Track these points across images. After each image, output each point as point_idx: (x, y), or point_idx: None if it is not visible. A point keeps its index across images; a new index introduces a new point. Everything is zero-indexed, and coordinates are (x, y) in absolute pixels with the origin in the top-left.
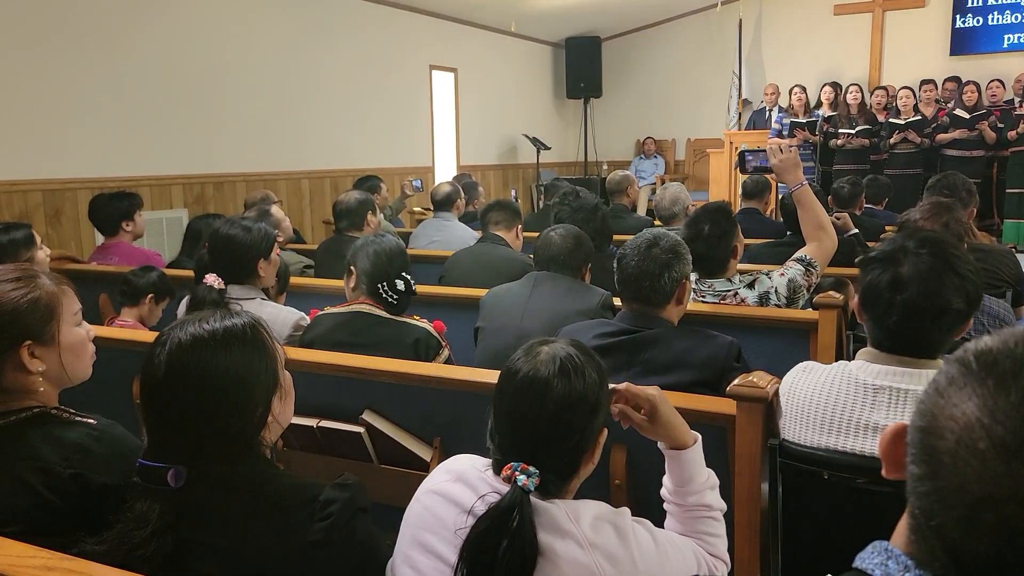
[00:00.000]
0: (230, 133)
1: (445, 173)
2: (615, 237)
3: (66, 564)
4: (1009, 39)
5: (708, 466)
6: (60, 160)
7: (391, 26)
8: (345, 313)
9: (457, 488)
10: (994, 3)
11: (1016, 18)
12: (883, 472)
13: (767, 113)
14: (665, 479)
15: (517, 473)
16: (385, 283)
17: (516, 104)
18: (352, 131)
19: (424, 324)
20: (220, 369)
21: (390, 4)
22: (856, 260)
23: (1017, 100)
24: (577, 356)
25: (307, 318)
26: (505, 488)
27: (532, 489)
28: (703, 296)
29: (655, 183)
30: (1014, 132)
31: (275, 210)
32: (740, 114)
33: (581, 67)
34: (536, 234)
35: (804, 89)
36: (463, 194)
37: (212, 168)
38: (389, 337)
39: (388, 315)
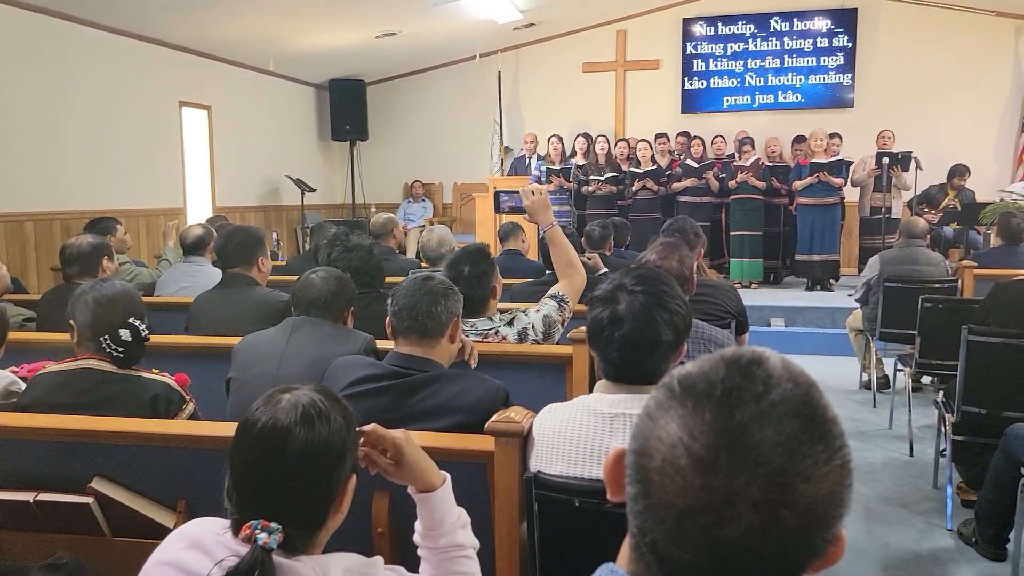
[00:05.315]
0: None
1: (199, 215)
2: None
3: None
4: (728, 101)
5: (471, 503)
6: None
7: (135, 59)
8: (67, 371)
9: (191, 556)
10: (715, 69)
11: (733, 83)
12: (608, 495)
13: (527, 160)
14: (417, 524)
15: (257, 531)
16: (108, 335)
17: (278, 144)
18: (89, 169)
19: (164, 378)
20: None
21: (133, 36)
22: (584, 300)
23: (736, 154)
24: (321, 401)
25: (19, 382)
26: (245, 550)
27: (274, 547)
28: (467, 336)
29: (424, 225)
30: (734, 182)
31: None
32: (503, 160)
33: (346, 109)
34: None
35: (561, 139)
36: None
37: None
38: (121, 394)
39: (118, 370)
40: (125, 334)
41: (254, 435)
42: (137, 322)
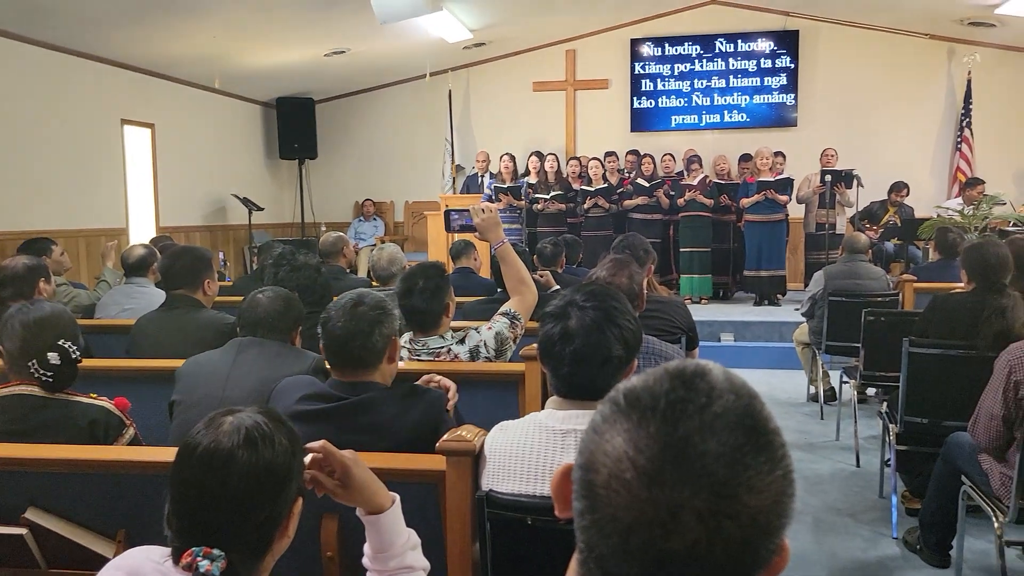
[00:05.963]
0: None
1: (143, 235)
2: (334, 299)
3: None
4: (676, 120)
5: (422, 524)
6: None
7: (74, 76)
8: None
9: None
10: (662, 89)
11: (680, 102)
12: (556, 511)
13: (480, 178)
14: (366, 546)
15: (199, 559)
16: (36, 359)
17: (224, 163)
18: (25, 189)
19: (102, 402)
20: None
21: (72, 52)
22: (536, 316)
23: (684, 172)
24: (265, 424)
25: None
26: None
27: (217, 574)
28: (418, 355)
29: (375, 244)
30: (682, 200)
31: None
32: (454, 179)
33: (294, 128)
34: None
35: (513, 158)
36: (160, 257)
37: None
38: (57, 421)
39: (51, 395)
40: (54, 357)
41: (195, 459)
42: (67, 344)
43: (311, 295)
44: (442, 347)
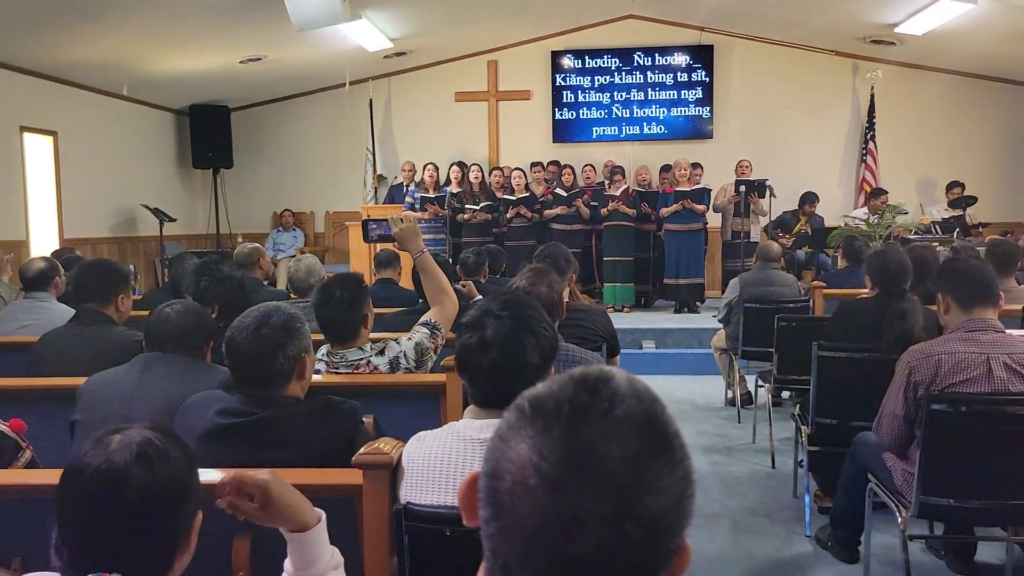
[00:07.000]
0: None
1: (45, 247)
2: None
3: None
4: (597, 131)
5: (338, 539)
6: None
7: None
8: None
9: None
10: (583, 101)
11: (601, 114)
12: (463, 520)
13: (405, 188)
14: (287, 563)
15: None
16: None
17: (133, 172)
18: None
19: None
20: None
21: None
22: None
23: (606, 182)
24: (158, 439)
25: None
26: None
27: None
28: (336, 367)
29: (295, 255)
30: (605, 209)
31: None
32: (376, 188)
33: (208, 136)
34: None
35: (437, 167)
36: (63, 271)
37: None
38: None
39: None
40: None
41: (86, 481)
42: None
43: (235, 310)
44: (361, 359)
